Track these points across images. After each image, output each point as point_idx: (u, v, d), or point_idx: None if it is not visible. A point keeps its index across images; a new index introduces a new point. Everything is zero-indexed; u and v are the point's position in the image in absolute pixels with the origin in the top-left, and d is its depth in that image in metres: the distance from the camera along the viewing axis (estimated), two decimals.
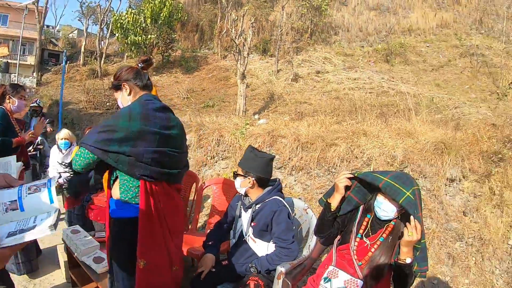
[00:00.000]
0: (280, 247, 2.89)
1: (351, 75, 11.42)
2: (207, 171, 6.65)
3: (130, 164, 2.29)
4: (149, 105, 2.44)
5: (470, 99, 9.50)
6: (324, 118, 6.84)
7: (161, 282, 2.51)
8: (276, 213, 2.91)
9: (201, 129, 6.99)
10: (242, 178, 3.04)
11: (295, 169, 5.71)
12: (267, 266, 2.87)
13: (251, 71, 13.09)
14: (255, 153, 3.11)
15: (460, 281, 4.12)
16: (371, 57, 12.94)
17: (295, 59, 13.04)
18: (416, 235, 2.13)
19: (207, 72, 15.58)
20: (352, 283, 2.35)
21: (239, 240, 3.21)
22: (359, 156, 5.31)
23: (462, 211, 4.57)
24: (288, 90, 11.29)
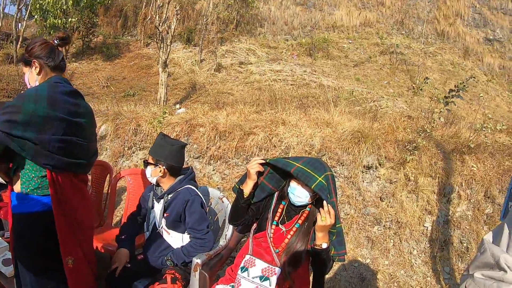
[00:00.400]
0: (195, 238, 2.83)
1: (274, 67, 11.44)
2: (124, 162, 6.33)
3: (36, 151, 2.05)
4: (58, 88, 2.25)
5: (388, 94, 9.88)
6: (244, 108, 6.73)
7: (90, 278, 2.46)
8: (189, 202, 2.83)
9: (118, 118, 6.64)
10: (153, 167, 2.90)
11: (213, 159, 5.61)
12: (183, 258, 2.79)
13: (174, 60, 12.82)
14: (166, 140, 2.97)
15: (380, 262, 4.27)
16: (294, 50, 13.05)
17: (219, 50, 12.87)
18: (330, 219, 2.13)
19: (129, 60, 15.02)
20: (270, 270, 2.33)
21: (153, 232, 3.10)
22: (277, 144, 5.28)
23: (379, 197, 4.73)
24: (210, 80, 11.15)
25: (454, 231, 4.50)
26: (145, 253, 3.00)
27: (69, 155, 2.21)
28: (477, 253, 1.42)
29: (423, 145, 4.84)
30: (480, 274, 1.32)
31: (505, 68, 13.49)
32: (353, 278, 4.10)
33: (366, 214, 4.64)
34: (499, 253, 1.27)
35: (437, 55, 13.09)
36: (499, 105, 11.00)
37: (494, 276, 1.27)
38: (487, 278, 1.29)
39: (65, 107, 2.18)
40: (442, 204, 4.61)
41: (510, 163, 4.92)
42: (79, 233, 2.34)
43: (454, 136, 5.42)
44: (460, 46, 13.87)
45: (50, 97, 2.14)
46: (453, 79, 11.10)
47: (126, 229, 3.11)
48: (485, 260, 1.33)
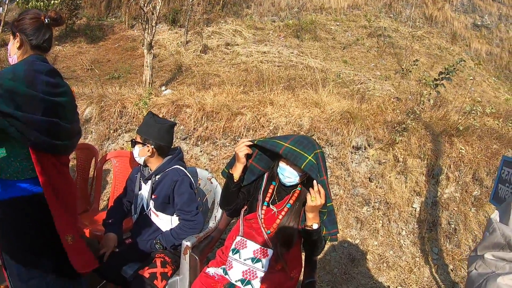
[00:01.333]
0: (184, 220, 2.77)
1: (260, 49, 11.33)
2: (110, 145, 6.21)
3: (23, 128, 1.96)
4: (34, 66, 2.12)
5: (375, 76, 9.85)
6: (231, 88, 6.63)
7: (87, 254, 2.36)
8: (177, 183, 2.77)
9: (103, 100, 6.49)
10: (141, 146, 2.82)
11: (201, 140, 5.53)
12: (172, 241, 2.74)
13: (159, 42, 12.63)
14: (155, 119, 2.89)
15: (370, 243, 4.31)
16: (281, 32, 12.93)
17: (205, 31, 12.69)
18: (320, 199, 2.10)
19: (114, 42, 14.77)
20: (262, 252, 2.32)
21: (141, 215, 3.01)
22: (265, 125, 5.22)
23: (368, 178, 4.74)
24: (196, 62, 10.99)
25: (442, 212, 4.53)
26: (134, 237, 2.95)
27: (53, 136, 2.11)
28: (485, 233, 1.36)
29: (412, 126, 4.83)
30: (491, 255, 1.27)
31: (492, 54, 13.53)
32: (343, 258, 4.12)
33: (355, 194, 4.64)
34: (510, 233, 1.21)
35: (424, 39, 13.05)
36: (485, 90, 11.06)
37: (505, 257, 1.21)
38: (498, 259, 1.24)
39: (43, 86, 2.08)
40: (430, 185, 4.64)
41: (497, 146, 4.98)
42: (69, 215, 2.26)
43: (443, 118, 5.44)
44: (448, 31, 13.84)
45: (27, 75, 2.03)
46: (440, 63, 11.10)
47: (113, 213, 3.06)
48: (494, 241, 1.28)
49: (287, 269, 2.31)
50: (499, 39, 13.99)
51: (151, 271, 2.56)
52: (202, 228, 2.83)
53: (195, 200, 2.83)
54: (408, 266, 4.11)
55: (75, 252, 2.22)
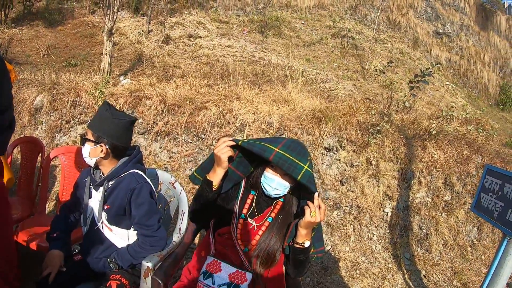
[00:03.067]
0: (143, 236, 2.35)
1: (224, 42, 11.24)
2: (62, 138, 5.78)
3: None
4: None
5: (338, 76, 9.92)
6: (194, 80, 6.35)
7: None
8: (135, 191, 2.32)
9: (56, 88, 6.00)
10: (92, 145, 2.33)
11: (161, 135, 5.23)
12: (130, 260, 2.35)
13: (120, 30, 12.27)
14: (112, 113, 2.37)
15: (341, 249, 4.21)
16: (246, 26, 12.91)
17: (168, 21, 12.47)
18: (320, 215, 1.82)
19: (73, 28, 14.22)
20: (239, 276, 1.97)
21: (91, 228, 2.53)
22: (231, 121, 4.99)
23: (339, 180, 4.63)
24: (157, 52, 10.74)
25: (413, 217, 4.52)
26: (84, 253, 2.51)
27: None
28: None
29: (386, 129, 4.75)
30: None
31: (451, 61, 14.13)
32: (314, 267, 3.97)
33: (325, 198, 4.50)
34: None
35: (387, 42, 13.38)
36: (444, 95, 11.35)
37: None
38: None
39: None
40: (402, 189, 4.61)
41: (468, 152, 5.00)
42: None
43: (414, 122, 5.43)
44: (410, 36, 14.28)
45: None
46: (401, 67, 11.52)
47: (58, 225, 2.58)
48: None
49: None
50: (459, 47, 14.58)
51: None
52: (165, 245, 2.43)
53: (156, 212, 2.42)
54: (382, 273, 4.05)
55: None
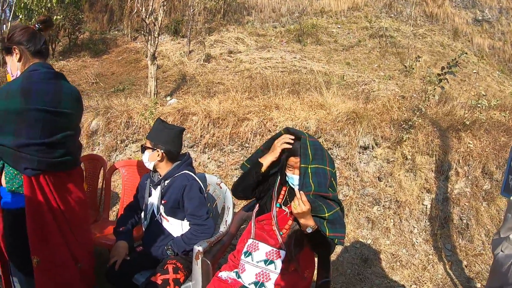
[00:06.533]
0: (195, 225, 2.78)
1: (263, 55, 11.35)
2: (118, 156, 6.25)
3: (15, 157, 1.98)
4: (34, 76, 2.13)
5: (379, 77, 9.80)
6: (236, 94, 6.64)
7: (63, 281, 2.29)
8: (187, 187, 2.79)
9: (109, 112, 6.53)
10: (151, 151, 2.86)
11: (208, 147, 5.54)
12: (184, 247, 2.75)
13: (162, 53, 12.68)
14: (164, 125, 2.96)
15: (382, 242, 4.28)
16: (283, 37, 12.97)
17: (208, 40, 12.76)
18: (303, 206, 2.11)
19: (117, 55, 14.86)
20: (274, 254, 2.32)
21: (151, 221, 3.01)
22: (272, 129, 5.22)
23: (377, 177, 4.71)
24: (200, 71, 11.04)
25: (453, 208, 4.50)
26: (145, 243, 2.97)
27: (52, 153, 2.12)
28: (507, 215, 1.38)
29: (418, 123, 4.82)
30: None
31: (494, 48, 13.46)
32: (355, 259, 4.10)
33: (364, 194, 4.62)
34: None
35: (426, 37, 12.99)
36: (490, 84, 10.98)
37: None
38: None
39: (40, 96, 2.08)
40: (440, 181, 4.61)
41: (506, 139, 4.95)
42: (69, 233, 2.28)
43: (449, 114, 5.42)
44: (449, 27, 13.79)
45: (23, 88, 2.04)
46: (444, 61, 11.01)
47: (123, 221, 3.07)
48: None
49: (300, 269, 2.30)
50: (500, 32, 13.92)
51: (164, 277, 2.55)
52: (213, 233, 2.82)
53: (205, 205, 2.84)
54: (422, 264, 4.09)
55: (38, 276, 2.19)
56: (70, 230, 2.27)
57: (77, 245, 2.34)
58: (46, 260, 2.18)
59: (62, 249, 2.24)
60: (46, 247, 2.18)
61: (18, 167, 2.06)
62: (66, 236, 2.25)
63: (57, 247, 2.21)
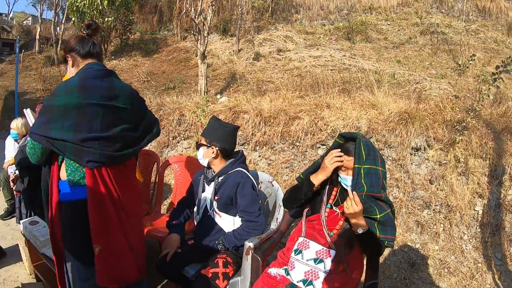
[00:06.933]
0: (247, 221, 2.82)
1: (312, 53, 11.31)
2: (169, 152, 6.49)
3: (77, 150, 2.08)
4: (88, 73, 2.25)
5: (431, 75, 9.57)
6: (287, 93, 6.71)
7: (122, 268, 2.36)
8: (240, 184, 2.83)
9: (162, 109, 6.80)
10: (205, 148, 2.94)
11: (259, 145, 5.62)
12: (235, 242, 2.79)
13: (212, 51, 12.88)
14: (219, 123, 3.04)
15: (430, 248, 4.16)
16: (332, 35, 12.88)
17: (256, 38, 12.87)
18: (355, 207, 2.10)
19: (167, 54, 15.24)
20: (324, 253, 2.33)
21: (204, 216, 3.08)
22: (323, 128, 5.23)
23: (428, 179, 4.60)
24: (249, 69, 11.16)
25: (506, 215, 4.31)
26: (196, 237, 3.05)
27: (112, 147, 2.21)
28: None
29: (472, 124, 4.69)
30: None
31: None
32: (402, 263, 4.06)
33: (415, 197, 4.53)
34: None
35: (479, 33, 12.56)
36: None
37: None
38: None
39: (97, 92, 2.18)
40: (493, 186, 4.43)
41: None
42: (126, 222, 2.36)
43: (504, 115, 5.23)
44: (503, 22, 13.27)
45: (80, 85, 2.15)
46: (498, 58, 10.51)
47: (176, 215, 3.16)
48: None
49: (349, 270, 2.31)
50: None
51: (214, 271, 2.61)
52: (264, 230, 2.86)
53: (257, 202, 2.87)
54: (470, 272, 3.96)
55: (99, 264, 2.28)
56: (127, 219, 2.36)
57: (133, 234, 2.42)
58: (106, 248, 2.27)
59: (121, 238, 2.33)
60: (107, 236, 2.28)
61: (80, 161, 2.16)
62: (123, 224, 2.34)
63: (116, 235, 2.31)
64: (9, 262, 4.14)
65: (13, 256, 4.23)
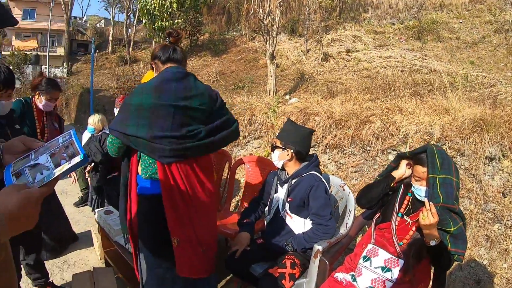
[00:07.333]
0: (317, 224, 2.82)
1: (382, 53, 11.18)
2: (239, 151, 6.67)
3: (149, 147, 2.23)
4: (164, 76, 2.37)
5: (506, 77, 9.09)
6: (357, 96, 6.71)
7: (196, 260, 2.45)
8: (313, 188, 2.85)
9: (232, 109, 6.91)
10: (281, 150, 3.00)
11: (329, 147, 5.62)
12: (304, 244, 2.82)
13: (280, 52, 13.01)
14: (295, 126, 3.11)
15: (498, 265, 3.93)
16: (402, 34, 12.63)
17: (325, 39, 12.88)
18: (431, 218, 2.07)
19: (236, 54, 15.59)
20: (393, 261, 2.32)
21: (274, 216, 3.11)
22: (394, 133, 5.16)
23: (502, 192, 4.34)
24: (318, 70, 11.19)
25: None
26: (266, 236, 3.10)
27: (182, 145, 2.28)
28: None
29: None
30: None
31: None
32: (468, 279, 3.89)
33: (486, 210, 4.29)
34: None
35: None
36: None
37: None
38: None
39: (170, 93, 2.26)
40: None
41: None
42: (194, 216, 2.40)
43: None
44: None
45: (156, 86, 2.28)
46: None
47: (248, 213, 3.23)
48: None
49: (415, 281, 2.30)
50: None
51: (281, 271, 2.64)
52: (334, 234, 2.84)
53: (329, 205, 2.87)
54: None
55: (178, 255, 2.39)
56: (196, 214, 2.41)
57: (202, 230, 2.46)
58: (184, 240, 2.37)
59: (191, 232, 2.40)
60: (182, 228, 2.37)
61: (153, 156, 2.29)
62: (192, 220, 2.39)
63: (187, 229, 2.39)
64: (80, 246, 4.52)
65: (84, 241, 4.62)
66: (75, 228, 4.82)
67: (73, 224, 4.77)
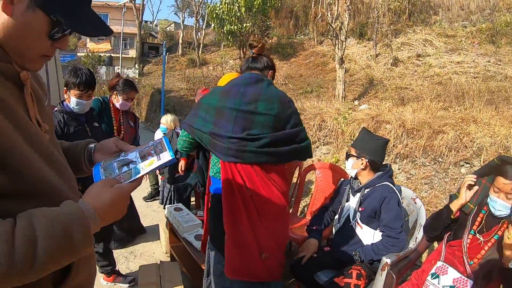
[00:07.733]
0: (388, 236, 2.77)
1: (454, 58, 10.85)
2: None
3: (211, 142, 2.30)
4: (237, 80, 2.43)
5: None
6: (430, 104, 6.61)
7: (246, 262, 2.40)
8: (386, 199, 2.82)
9: (302, 114, 6.91)
10: (355, 159, 2.98)
11: (400, 157, 5.51)
12: (371, 256, 2.78)
13: (349, 56, 12.93)
14: (370, 135, 3.10)
15: None
16: (475, 38, 12.13)
17: (394, 42, 12.71)
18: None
19: (304, 58, 15.71)
20: (462, 282, 2.21)
21: (344, 225, 3.09)
22: (468, 145, 4.98)
23: None
24: (387, 75, 11.04)
25: None
26: (333, 245, 3.07)
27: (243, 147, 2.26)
28: None
29: None
30: None
31: None
32: None
33: None
34: None
35: None
36: None
37: None
38: None
39: (236, 97, 2.28)
40: None
41: None
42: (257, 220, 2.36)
43: None
44: None
45: (225, 90, 2.37)
46: None
47: (317, 221, 3.22)
48: None
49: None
50: None
51: (346, 281, 2.59)
52: (403, 247, 2.77)
53: (401, 218, 2.81)
54: None
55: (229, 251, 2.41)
56: (258, 218, 2.35)
57: (264, 234, 2.39)
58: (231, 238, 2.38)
59: (248, 233, 2.35)
60: (234, 226, 2.36)
61: (214, 152, 2.34)
62: (253, 223, 2.34)
63: (243, 229, 2.35)
64: (147, 239, 4.75)
65: (151, 234, 4.87)
66: (143, 221, 5.09)
67: (141, 218, 5.04)
